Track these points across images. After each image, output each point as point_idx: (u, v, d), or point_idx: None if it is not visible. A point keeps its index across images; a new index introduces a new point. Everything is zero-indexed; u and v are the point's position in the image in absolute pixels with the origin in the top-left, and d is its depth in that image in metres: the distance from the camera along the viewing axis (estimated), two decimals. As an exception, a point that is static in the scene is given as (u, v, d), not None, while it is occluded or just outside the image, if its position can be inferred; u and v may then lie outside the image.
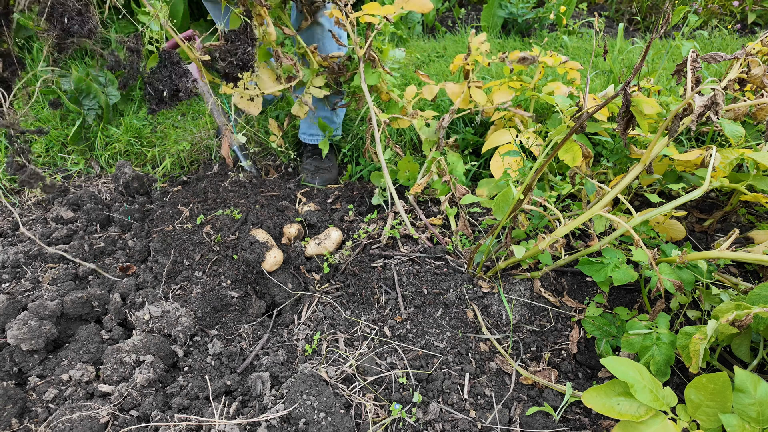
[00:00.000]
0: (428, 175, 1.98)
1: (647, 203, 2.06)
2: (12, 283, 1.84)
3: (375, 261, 1.83)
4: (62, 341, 1.64)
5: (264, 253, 1.82)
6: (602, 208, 1.34)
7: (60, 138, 2.73)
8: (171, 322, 1.63)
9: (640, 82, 2.01)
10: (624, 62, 2.95)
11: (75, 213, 2.26)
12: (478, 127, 2.54)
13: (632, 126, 1.32)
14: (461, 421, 1.34)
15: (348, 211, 2.18)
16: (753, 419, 1.00)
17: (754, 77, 1.28)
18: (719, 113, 1.12)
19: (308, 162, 2.49)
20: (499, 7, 4.00)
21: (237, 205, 2.08)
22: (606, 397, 1.09)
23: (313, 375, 1.41)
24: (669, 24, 1.19)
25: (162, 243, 1.95)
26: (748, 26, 4.38)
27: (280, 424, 1.32)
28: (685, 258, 1.35)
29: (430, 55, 3.64)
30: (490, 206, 1.86)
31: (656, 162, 1.83)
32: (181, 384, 1.47)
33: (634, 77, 1.16)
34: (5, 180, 2.48)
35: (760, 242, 1.74)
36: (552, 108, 2.18)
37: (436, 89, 2.24)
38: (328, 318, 1.70)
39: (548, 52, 2.14)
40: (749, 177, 1.62)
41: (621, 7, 4.71)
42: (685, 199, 1.27)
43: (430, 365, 1.49)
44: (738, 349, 1.33)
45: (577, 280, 1.80)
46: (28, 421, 1.38)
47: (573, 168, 1.68)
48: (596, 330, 1.53)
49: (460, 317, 1.60)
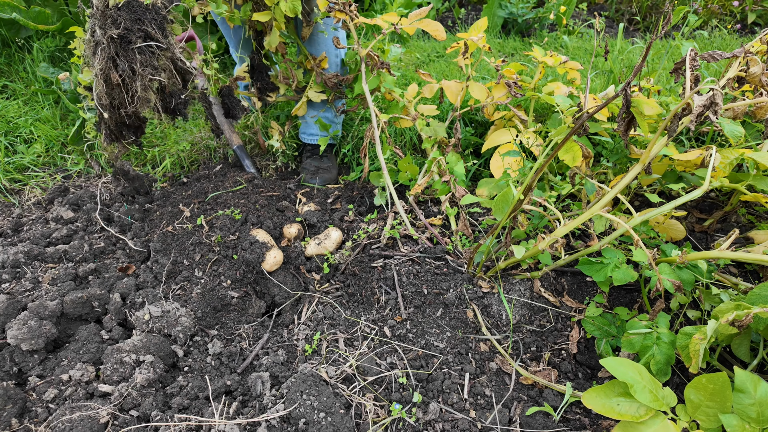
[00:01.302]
0: (429, 175, 1.98)
1: (647, 203, 2.06)
2: (12, 283, 1.84)
3: (375, 261, 1.83)
4: (62, 341, 1.64)
5: (264, 253, 1.82)
6: (602, 208, 1.34)
7: (60, 138, 2.73)
8: (171, 322, 1.63)
9: (640, 82, 2.01)
10: (624, 62, 2.95)
11: (75, 213, 2.26)
12: (478, 127, 2.54)
13: (633, 127, 1.32)
14: (461, 421, 1.34)
15: (348, 211, 2.18)
16: (753, 419, 1.00)
17: (752, 76, 1.28)
18: (718, 113, 1.11)
19: (308, 162, 2.49)
20: (499, 7, 4.00)
21: (237, 206, 2.08)
22: (606, 397, 1.09)
23: (313, 375, 1.41)
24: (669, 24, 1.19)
25: (162, 243, 1.95)
26: (748, 26, 4.38)
27: (280, 424, 1.32)
28: (684, 258, 1.35)
29: (430, 55, 3.64)
30: (490, 206, 1.86)
31: (656, 162, 1.83)
32: (181, 384, 1.47)
33: (634, 77, 1.16)
34: (5, 180, 2.48)
35: (760, 242, 1.74)
36: (552, 108, 2.18)
37: (436, 87, 2.24)
38: (328, 318, 1.70)
39: (548, 52, 2.14)
40: (749, 177, 1.62)
41: (621, 7, 4.71)
42: (685, 199, 1.27)
43: (430, 365, 1.49)
44: (738, 349, 1.33)
45: (577, 280, 1.80)
46: (28, 421, 1.38)
47: (573, 168, 1.68)
48: (596, 330, 1.53)
49: (460, 317, 1.60)
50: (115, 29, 1.51)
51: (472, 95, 2.15)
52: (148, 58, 1.58)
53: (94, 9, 1.53)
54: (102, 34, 1.53)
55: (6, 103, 2.86)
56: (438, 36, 2.00)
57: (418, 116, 2.16)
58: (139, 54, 1.56)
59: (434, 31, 2.00)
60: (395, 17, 1.96)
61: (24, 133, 2.73)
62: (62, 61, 3.14)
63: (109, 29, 1.51)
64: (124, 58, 1.56)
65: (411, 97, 2.21)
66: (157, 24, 1.57)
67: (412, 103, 2.20)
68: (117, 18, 1.51)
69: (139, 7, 1.54)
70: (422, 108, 2.22)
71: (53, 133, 2.72)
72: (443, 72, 3.15)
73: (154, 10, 1.57)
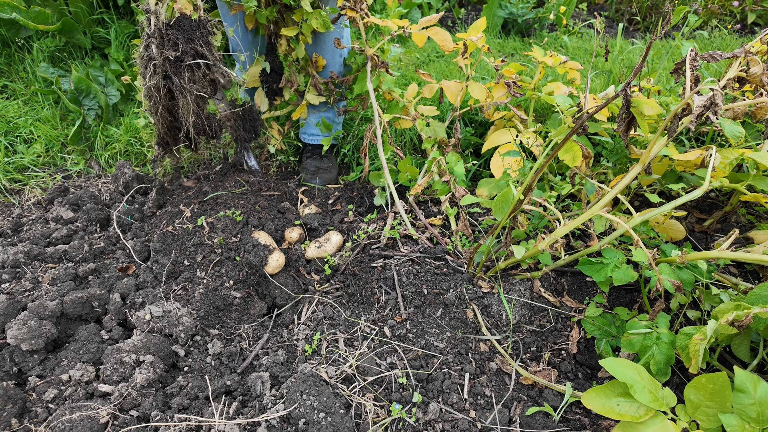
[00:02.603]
0: (429, 175, 1.98)
1: (647, 203, 2.06)
2: (12, 283, 1.84)
3: (375, 261, 1.83)
4: (62, 341, 1.64)
5: (267, 257, 1.83)
6: (602, 208, 1.34)
7: (60, 138, 2.73)
8: (172, 321, 1.63)
9: (640, 83, 2.01)
10: (624, 62, 2.95)
11: (75, 213, 2.26)
12: (478, 127, 2.54)
13: (633, 127, 1.32)
14: (461, 421, 1.34)
15: (348, 212, 2.18)
16: (753, 419, 1.00)
17: (753, 76, 1.28)
18: (718, 113, 1.11)
19: (308, 162, 2.49)
20: (499, 7, 4.00)
21: (238, 206, 2.08)
22: (605, 398, 1.09)
23: (313, 375, 1.41)
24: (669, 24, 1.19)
25: (162, 243, 1.95)
26: (748, 26, 4.38)
27: (280, 424, 1.32)
28: (684, 258, 1.35)
29: (430, 55, 3.64)
30: (490, 206, 1.86)
31: (656, 162, 1.83)
32: (181, 384, 1.47)
33: (634, 78, 1.16)
34: (5, 180, 2.48)
35: (760, 242, 1.74)
36: (552, 108, 2.18)
37: (435, 87, 2.24)
38: (328, 318, 1.70)
39: (548, 52, 2.14)
40: (749, 177, 1.62)
41: (621, 7, 4.71)
42: (685, 199, 1.27)
43: (430, 365, 1.49)
44: (738, 349, 1.33)
45: (577, 280, 1.80)
46: (27, 421, 1.38)
47: (573, 168, 1.68)
48: (596, 330, 1.53)
49: (460, 317, 1.60)
50: (173, 51, 1.58)
51: (472, 95, 2.15)
52: (195, 73, 1.65)
53: (153, 29, 1.58)
54: (158, 54, 1.60)
55: (6, 103, 2.86)
56: (445, 47, 1.98)
57: (418, 116, 2.16)
58: (188, 71, 1.63)
59: (442, 41, 1.97)
60: (405, 21, 1.96)
61: (24, 133, 2.73)
62: (62, 61, 3.14)
63: (167, 50, 1.58)
64: (176, 75, 1.63)
65: (411, 97, 2.21)
66: (204, 40, 1.63)
67: (412, 103, 2.20)
68: (173, 39, 1.57)
69: (190, 26, 1.60)
70: (422, 108, 2.22)
71: (53, 133, 2.72)
72: (443, 72, 3.15)
73: (202, 26, 1.63)
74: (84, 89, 2.73)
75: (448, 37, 1.98)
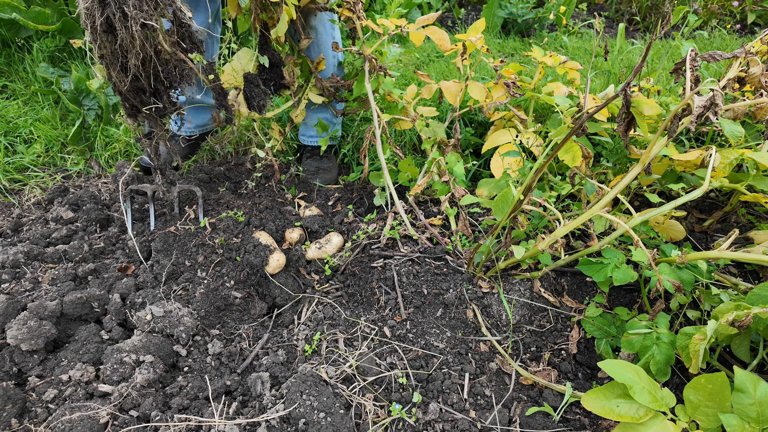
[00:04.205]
0: (429, 176, 1.98)
1: (647, 203, 2.06)
2: (12, 283, 1.84)
3: (375, 261, 1.83)
4: (62, 341, 1.64)
5: (267, 257, 1.83)
6: (602, 208, 1.34)
7: (60, 138, 2.73)
8: (173, 322, 1.63)
9: (640, 83, 2.01)
10: (624, 62, 2.95)
11: (75, 213, 2.26)
12: (478, 127, 2.54)
13: (633, 127, 1.33)
14: (461, 421, 1.34)
15: (348, 212, 2.18)
16: (753, 419, 1.00)
17: (752, 76, 1.28)
18: (718, 114, 1.12)
19: (308, 163, 2.49)
20: (498, 7, 4.00)
21: (239, 207, 2.08)
22: (605, 399, 1.09)
23: (313, 375, 1.41)
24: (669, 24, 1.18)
25: (163, 243, 1.95)
26: (747, 26, 4.38)
27: (279, 425, 1.32)
28: (684, 258, 1.35)
29: (430, 55, 3.64)
30: (490, 206, 1.86)
31: (656, 162, 1.83)
32: (181, 384, 1.47)
33: (634, 78, 1.16)
34: (5, 180, 2.48)
35: (760, 242, 1.74)
36: (552, 108, 2.18)
37: (435, 87, 2.24)
38: (328, 318, 1.70)
39: (548, 52, 2.14)
40: (749, 177, 1.62)
41: (621, 7, 4.71)
42: (684, 199, 1.27)
43: (430, 365, 1.49)
44: (738, 350, 1.33)
45: (577, 280, 1.80)
46: (27, 422, 1.38)
47: (573, 168, 1.68)
48: (596, 330, 1.53)
49: (459, 317, 1.60)
50: None
51: (471, 96, 2.15)
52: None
53: None
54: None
55: (6, 103, 2.86)
56: (443, 46, 1.98)
57: (418, 117, 2.16)
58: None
59: (439, 41, 1.98)
60: (403, 21, 1.95)
61: (24, 133, 2.73)
62: (62, 61, 3.14)
63: None
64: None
65: (410, 98, 2.21)
66: None
67: (412, 104, 2.20)
68: None
69: None
70: (421, 109, 2.22)
71: (53, 133, 2.72)
72: (443, 72, 3.15)
73: None
74: (84, 89, 2.72)
75: (445, 37, 1.98)
